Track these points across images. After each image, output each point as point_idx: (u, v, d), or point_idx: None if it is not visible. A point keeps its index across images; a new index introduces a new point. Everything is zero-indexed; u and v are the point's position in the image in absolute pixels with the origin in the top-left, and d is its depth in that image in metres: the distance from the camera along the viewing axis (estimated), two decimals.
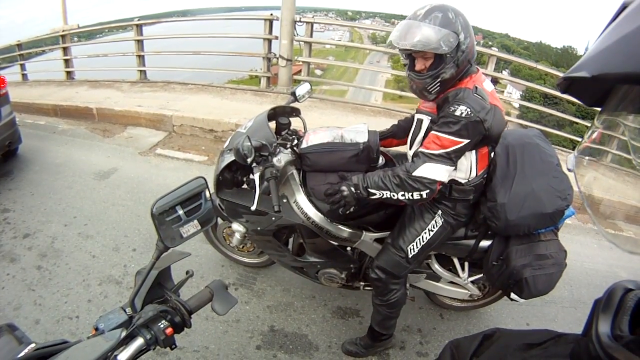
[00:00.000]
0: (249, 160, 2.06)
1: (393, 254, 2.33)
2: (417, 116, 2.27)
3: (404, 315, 2.68)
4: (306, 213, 2.40)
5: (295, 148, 2.46)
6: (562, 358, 1.00)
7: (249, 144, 2.05)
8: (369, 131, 2.41)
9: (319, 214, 2.40)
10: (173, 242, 1.19)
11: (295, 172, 2.44)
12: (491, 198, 2.18)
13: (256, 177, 2.19)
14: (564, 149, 6.98)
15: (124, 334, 1.04)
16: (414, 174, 1.97)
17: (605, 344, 0.84)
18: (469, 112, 1.86)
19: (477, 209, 2.33)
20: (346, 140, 2.35)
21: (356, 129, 2.43)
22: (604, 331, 0.87)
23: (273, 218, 2.47)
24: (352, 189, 2.11)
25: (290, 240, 2.86)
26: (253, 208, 2.16)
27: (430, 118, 2.13)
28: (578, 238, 4.40)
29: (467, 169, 2.12)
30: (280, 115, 2.67)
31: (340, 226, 2.45)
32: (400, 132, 2.61)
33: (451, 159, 1.95)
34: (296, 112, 2.77)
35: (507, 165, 2.20)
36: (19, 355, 1.02)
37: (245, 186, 2.65)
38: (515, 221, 2.15)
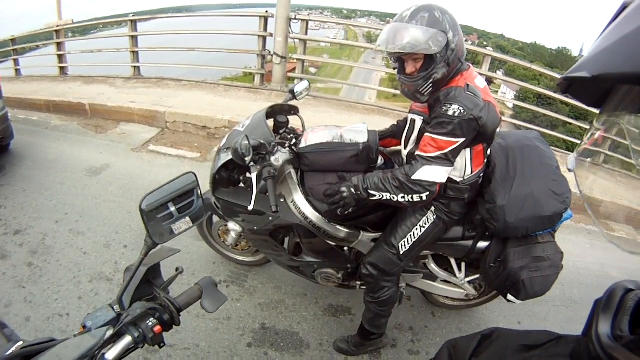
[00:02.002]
0: (247, 159, 2.04)
1: (385, 250, 2.33)
2: (410, 116, 2.27)
3: (395, 313, 2.68)
4: (304, 213, 2.39)
5: (293, 147, 2.44)
6: (563, 358, 1.00)
7: (247, 142, 2.03)
8: (368, 131, 2.40)
9: (317, 214, 2.39)
10: (162, 238, 1.17)
11: (293, 171, 2.42)
12: (490, 200, 2.18)
13: (254, 176, 2.17)
14: (558, 149, 7.01)
15: (110, 332, 1.03)
16: (413, 177, 1.97)
17: (606, 344, 0.84)
18: (462, 111, 1.85)
19: (474, 210, 2.33)
20: (345, 140, 2.34)
21: (356, 129, 2.42)
22: (604, 331, 0.87)
23: (270, 218, 2.45)
24: (352, 190, 2.11)
25: (287, 239, 2.84)
26: (250, 208, 2.14)
27: (422, 118, 2.13)
28: (570, 237, 4.42)
29: (462, 167, 2.12)
30: (279, 113, 2.64)
31: (338, 226, 2.44)
32: (399, 132, 2.60)
33: (449, 159, 1.95)
34: (294, 110, 2.74)
35: (507, 167, 2.20)
36: (6, 354, 1.01)
37: (242, 185, 2.63)
38: (514, 223, 2.15)
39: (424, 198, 2.00)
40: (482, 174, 2.22)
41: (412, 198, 2.02)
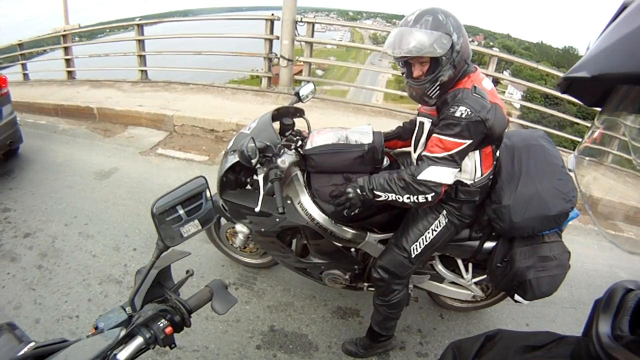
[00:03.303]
0: (253, 161, 2.05)
1: (396, 254, 2.33)
2: (418, 119, 2.27)
3: (403, 315, 2.68)
4: (310, 214, 2.39)
5: (299, 149, 2.45)
6: (564, 359, 1.00)
7: (253, 145, 2.04)
8: (373, 132, 2.40)
9: (323, 215, 2.39)
10: (173, 242, 1.18)
11: (299, 173, 2.43)
12: (496, 200, 2.18)
13: (260, 178, 2.17)
14: (565, 149, 6.97)
15: (123, 332, 1.04)
16: (419, 177, 1.96)
17: (606, 344, 0.84)
18: (469, 113, 1.86)
19: (481, 210, 2.32)
20: (351, 141, 2.35)
21: (361, 130, 2.42)
22: (604, 331, 0.87)
23: (277, 219, 2.45)
24: (358, 190, 2.11)
25: (294, 241, 2.84)
26: (257, 209, 2.15)
27: (431, 121, 2.12)
28: (578, 239, 4.40)
29: (472, 169, 2.12)
30: (284, 116, 2.66)
31: (344, 227, 2.45)
32: (405, 133, 2.61)
33: (455, 160, 1.95)
34: (300, 113, 2.76)
35: (512, 166, 2.20)
36: (19, 354, 1.02)
37: (249, 187, 2.64)
38: (520, 223, 2.15)
39: (429, 199, 2.00)
40: (491, 176, 2.22)
41: (417, 199, 2.01)
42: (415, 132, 2.29)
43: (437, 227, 2.27)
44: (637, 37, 0.67)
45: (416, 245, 2.28)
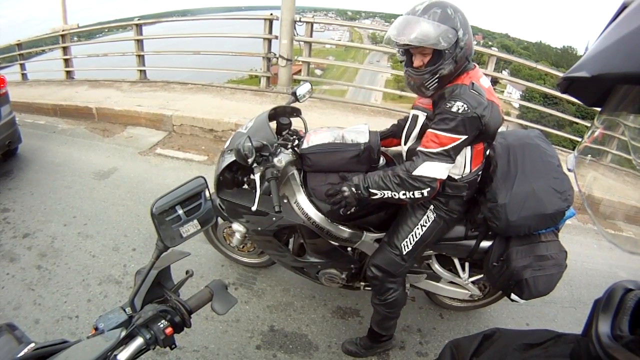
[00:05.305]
0: (249, 160, 2.06)
1: (388, 251, 2.34)
2: (412, 112, 2.28)
3: (403, 315, 2.68)
4: (307, 213, 2.40)
5: (296, 148, 2.45)
6: (562, 358, 1.00)
7: (250, 144, 2.04)
8: (369, 132, 2.40)
9: (320, 214, 2.40)
10: (173, 242, 1.18)
11: (296, 172, 2.44)
12: (492, 199, 2.18)
13: (257, 177, 2.18)
14: (564, 149, 6.97)
15: (123, 333, 1.04)
16: (414, 173, 1.97)
17: (605, 344, 0.84)
18: (466, 108, 1.86)
19: (476, 209, 2.33)
20: (347, 140, 2.35)
21: (357, 130, 2.42)
22: (604, 331, 0.87)
23: (274, 218, 2.46)
24: (353, 189, 2.11)
25: (291, 240, 2.84)
26: (254, 208, 2.15)
27: (425, 114, 2.13)
28: (578, 238, 4.40)
29: (462, 165, 2.13)
30: (281, 115, 2.66)
31: (340, 226, 2.45)
32: (400, 131, 2.60)
33: (450, 156, 1.96)
34: (297, 112, 2.76)
35: (508, 165, 2.20)
36: (19, 355, 1.02)
37: (245, 186, 2.64)
38: (516, 222, 2.15)
39: (425, 194, 2.01)
40: (480, 173, 2.23)
41: (413, 194, 2.02)
42: (408, 124, 2.29)
43: (425, 223, 2.27)
44: (637, 37, 0.67)
45: (406, 242, 2.29)
